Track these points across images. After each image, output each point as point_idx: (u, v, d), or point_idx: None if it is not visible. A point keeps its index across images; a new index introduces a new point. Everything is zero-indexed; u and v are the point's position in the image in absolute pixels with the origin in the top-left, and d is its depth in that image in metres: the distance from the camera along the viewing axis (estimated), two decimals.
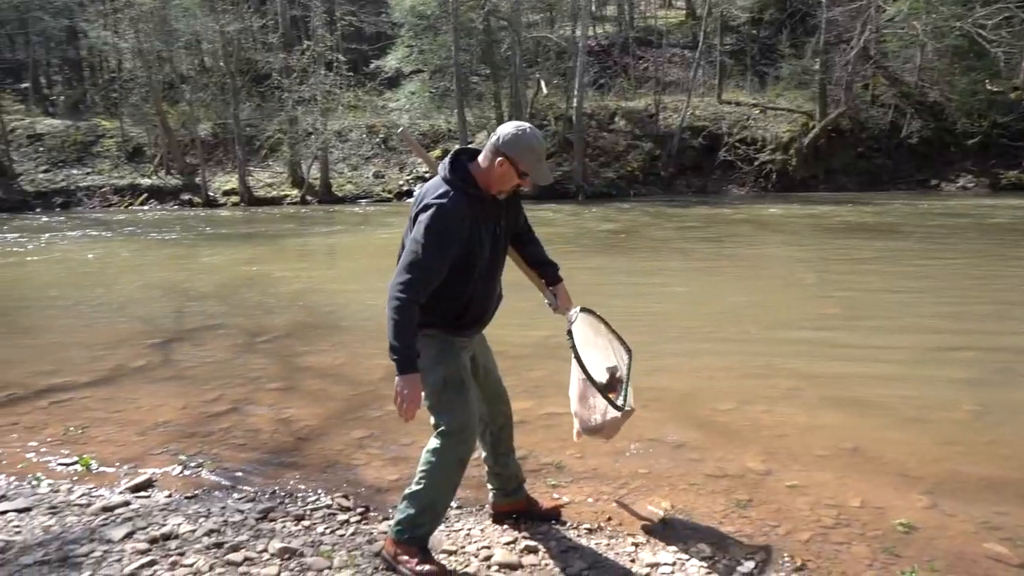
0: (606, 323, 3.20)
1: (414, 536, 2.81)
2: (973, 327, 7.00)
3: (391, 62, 33.05)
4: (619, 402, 2.96)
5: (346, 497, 3.58)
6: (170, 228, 20.89)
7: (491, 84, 30.33)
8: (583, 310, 3.11)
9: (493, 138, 2.65)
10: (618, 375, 3.16)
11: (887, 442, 4.24)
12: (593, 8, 33.97)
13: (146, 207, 29.18)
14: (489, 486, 3.28)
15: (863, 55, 26.60)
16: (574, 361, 2.93)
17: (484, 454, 3.16)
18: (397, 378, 2.61)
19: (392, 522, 2.88)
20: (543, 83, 27.37)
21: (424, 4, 29.63)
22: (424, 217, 2.57)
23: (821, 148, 27.00)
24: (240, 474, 3.96)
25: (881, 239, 14.22)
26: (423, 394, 2.71)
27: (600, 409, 2.98)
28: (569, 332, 2.97)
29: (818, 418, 4.65)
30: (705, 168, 28.05)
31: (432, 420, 2.80)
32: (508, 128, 2.64)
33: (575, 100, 27.33)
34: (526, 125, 2.67)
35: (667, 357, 6.12)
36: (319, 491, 3.68)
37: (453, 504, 3.46)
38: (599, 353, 3.18)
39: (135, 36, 30.49)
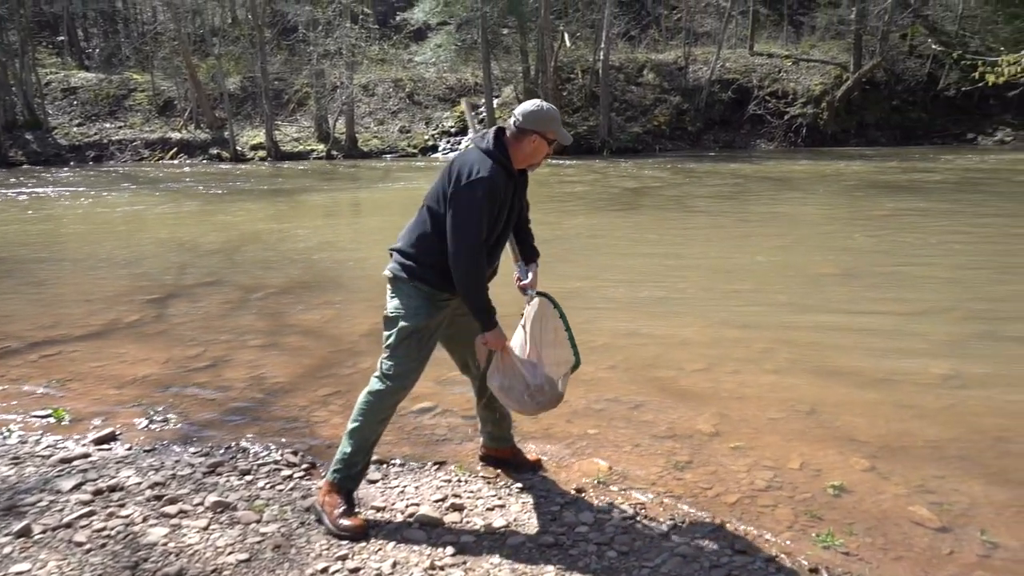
0: (565, 321, 3.12)
1: (349, 475, 2.97)
2: (970, 290, 6.87)
3: (417, 15, 32.74)
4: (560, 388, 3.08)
5: (295, 453, 3.68)
6: (197, 183, 21.20)
7: (518, 36, 29.95)
8: (544, 295, 3.12)
9: (514, 120, 2.90)
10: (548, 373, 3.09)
11: (846, 405, 4.23)
12: None
13: (176, 161, 29.58)
14: (480, 428, 3.45)
15: (901, 2, 25.71)
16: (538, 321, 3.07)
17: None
18: (486, 334, 2.92)
19: (331, 466, 2.99)
20: (567, 36, 26.93)
21: None
22: (479, 189, 2.75)
23: (854, 101, 26.35)
24: (202, 429, 4.09)
25: (903, 197, 13.94)
26: (385, 334, 2.94)
27: (542, 383, 3.02)
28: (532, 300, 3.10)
29: (782, 380, 4.64)
30: (733, 122, 27.60)
31: (381, 360, 2.94)
32: (528, 107, 2.91)
33: (602, 53, 26.91)
34: (538, 100, 2.96)
35: (647, 316, 6.14)
36: (271, 447, 3.78)
37: (396, 461, 3.57)
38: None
39: None
